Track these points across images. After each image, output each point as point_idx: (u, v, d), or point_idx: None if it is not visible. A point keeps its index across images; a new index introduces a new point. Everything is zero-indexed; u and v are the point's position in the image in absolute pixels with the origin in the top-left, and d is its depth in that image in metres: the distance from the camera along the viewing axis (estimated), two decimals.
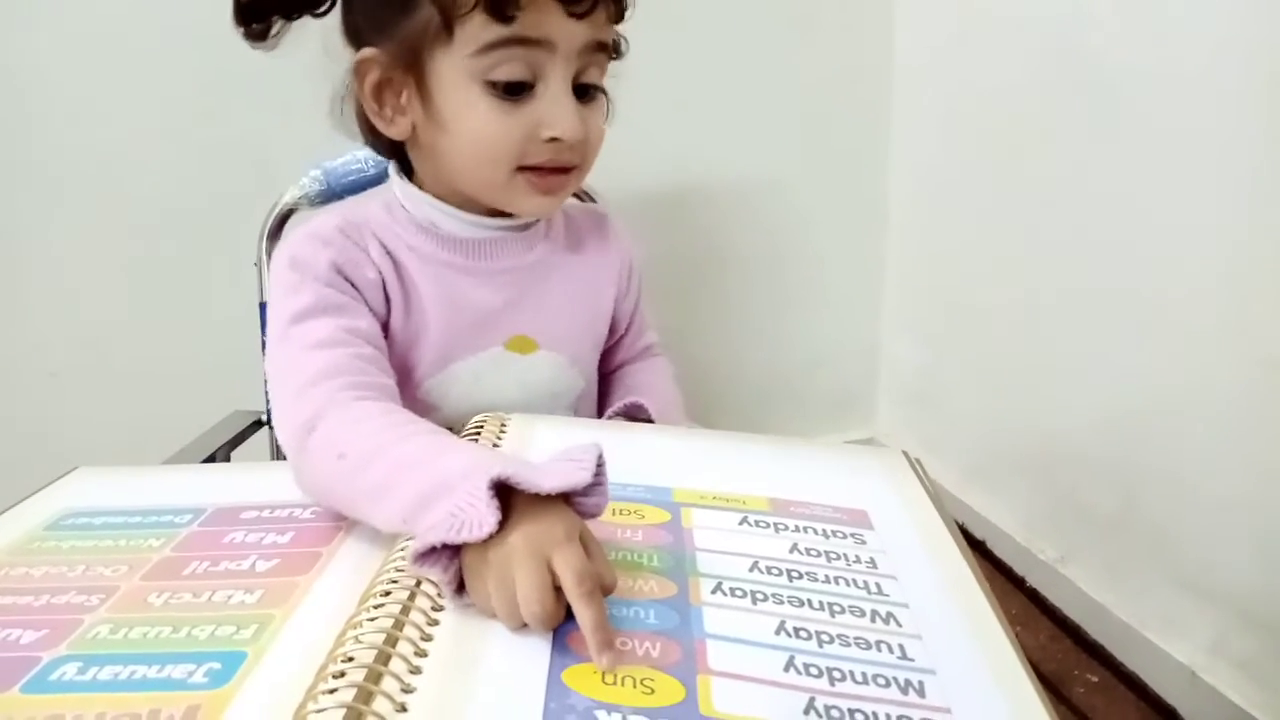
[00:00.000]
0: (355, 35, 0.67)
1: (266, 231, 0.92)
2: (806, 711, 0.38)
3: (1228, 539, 1.00)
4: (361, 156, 0.92)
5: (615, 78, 0.70)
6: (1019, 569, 1.35)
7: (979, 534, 1.41)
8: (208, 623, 0.45)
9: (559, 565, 0.41)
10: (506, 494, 0.44)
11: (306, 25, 0.68)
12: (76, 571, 0.51)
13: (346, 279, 0.66)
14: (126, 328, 1.25)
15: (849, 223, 1.55)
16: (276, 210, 0.92)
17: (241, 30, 0.66)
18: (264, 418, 0.91)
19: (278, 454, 0.91)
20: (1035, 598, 1.31)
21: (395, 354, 0.69)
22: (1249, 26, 0.89)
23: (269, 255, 0.91)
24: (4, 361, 1.23)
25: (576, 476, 0.44)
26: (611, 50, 0.68)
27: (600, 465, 0.45)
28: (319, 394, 0.58)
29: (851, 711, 0.38)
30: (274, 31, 0.67)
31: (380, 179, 0.91)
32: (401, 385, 0.67)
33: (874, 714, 0.38)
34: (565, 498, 0.45)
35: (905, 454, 0.65)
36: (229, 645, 0.43)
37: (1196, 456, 1.02)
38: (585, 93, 0.66)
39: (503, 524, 0.43)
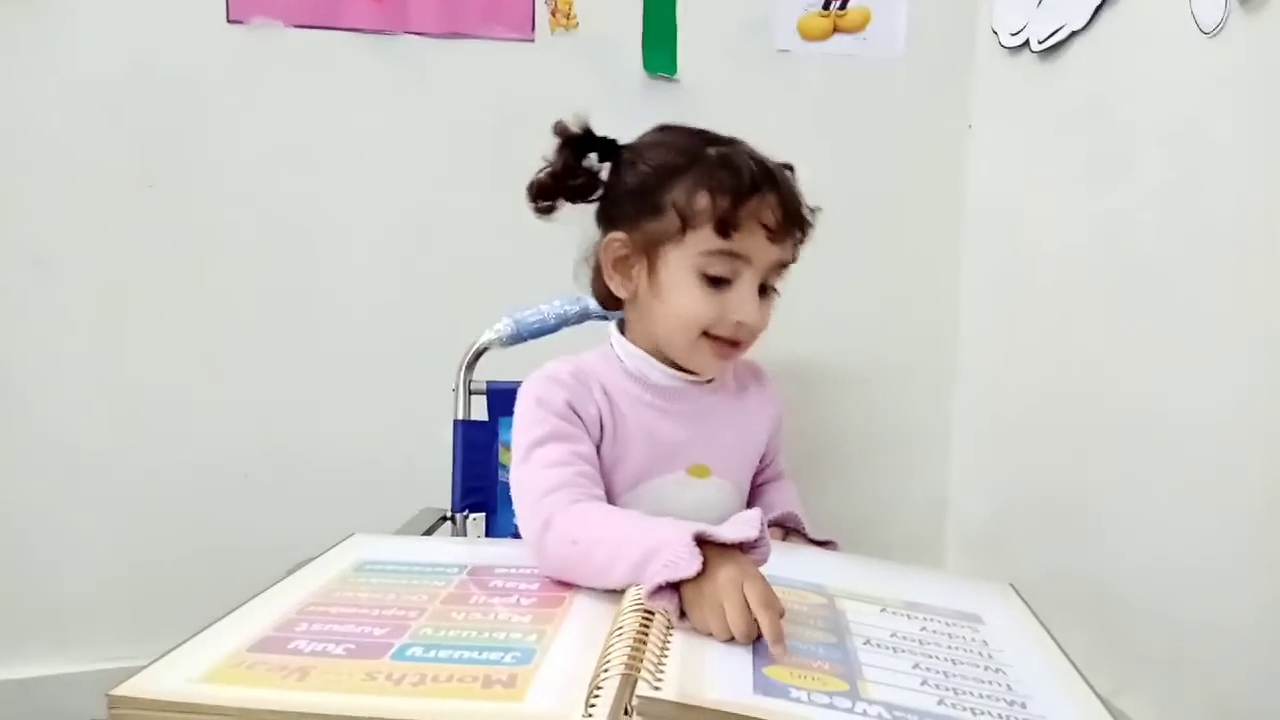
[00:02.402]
0: (607, 220, 0.91)
1: (465, 363, 1.15)
2: (939, 704, 0.56)
3: (1265, 677, 1.13)
4: (543, 310, 1.16)
5: None
6: None
7: None
8: (501, 630, 0.65)
9: (749, 591, 0.61)
10: (702, 547, 0.65)
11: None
12: (390, 598, 0.71)
13: (575, 412, 0.87)
14: (331, 435, 1.48)
15: (921, 388, 1.76)
16: (474, 348, 1.16)
17: (532, 206, 0.91)
18: (448, 513, 1.12)
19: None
20: None
21: (601, 472, 0.88)
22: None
23: (465, 384, 1.15)
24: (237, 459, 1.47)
25: (748, 532, 0.66)
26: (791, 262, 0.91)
27: (763, 525, 0.67)
28: (552, 501, 0.79)
29: (974, 709, 0.56)
30: (556, 209, 0.92)
31: (557, 329, 1.16)
32: None
33: (988, 711, 0.56)
34: (740, 548, 0.66)
35: (1011, 585, 0.84)
36: (522, 643, 0.62)
37: (1233, 601, 1.17)
38: (764, 291, 0.89)
39: (704, 567, 0.63)
